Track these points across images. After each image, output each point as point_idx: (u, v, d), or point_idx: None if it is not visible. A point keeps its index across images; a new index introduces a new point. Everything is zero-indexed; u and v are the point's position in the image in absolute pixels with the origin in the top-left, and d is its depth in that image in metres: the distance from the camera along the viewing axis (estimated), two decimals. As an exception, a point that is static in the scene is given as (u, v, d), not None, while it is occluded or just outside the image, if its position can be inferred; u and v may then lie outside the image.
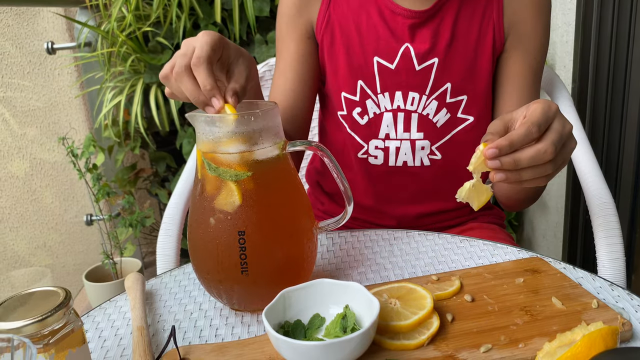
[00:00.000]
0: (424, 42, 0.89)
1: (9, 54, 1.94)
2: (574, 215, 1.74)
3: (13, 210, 1.98)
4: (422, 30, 0.89)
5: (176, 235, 0.95)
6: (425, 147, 0.93)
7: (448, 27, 0.89)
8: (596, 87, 1.57)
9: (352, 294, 0.59)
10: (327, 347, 0.51)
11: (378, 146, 0.94)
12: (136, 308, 0.65)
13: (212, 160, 0.61)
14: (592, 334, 0.49)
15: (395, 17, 0.89)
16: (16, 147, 1.98)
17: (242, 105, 0.66)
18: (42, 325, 0.46)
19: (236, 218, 0.61)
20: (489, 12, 0.90)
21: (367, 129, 0.94)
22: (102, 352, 0.61)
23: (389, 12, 0.90)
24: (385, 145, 0.94)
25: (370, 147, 0.94)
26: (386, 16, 0.90)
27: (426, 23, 0.89)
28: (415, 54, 0.89)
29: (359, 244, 0.83)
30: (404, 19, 0.89)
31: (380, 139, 0.94)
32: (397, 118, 0.92)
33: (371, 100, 0.92)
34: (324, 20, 0.93)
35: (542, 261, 0.73)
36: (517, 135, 0.59)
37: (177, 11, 1.76)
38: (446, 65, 0.89)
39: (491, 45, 0.90)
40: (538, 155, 0.59)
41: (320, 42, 0.95)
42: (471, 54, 0.90)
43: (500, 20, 0.90)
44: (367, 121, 0.94)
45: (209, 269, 0.64)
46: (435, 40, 0.89)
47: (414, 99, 0.91)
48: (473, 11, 0.90)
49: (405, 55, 0.89)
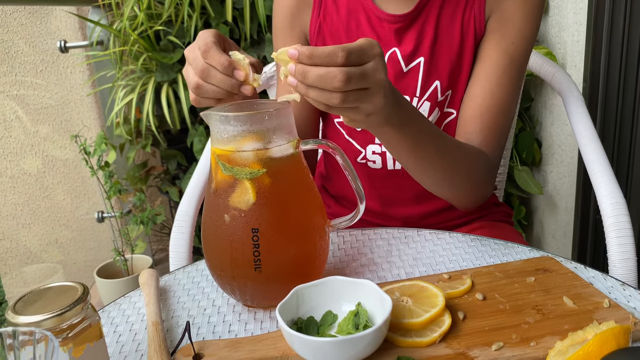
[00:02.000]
0: (409, 43, 0.90)
1: (23, 52, 1.96)
2: (584, 215, 1.73)
3: (25, 207, 2.00)
4: (408, 33, 0.90)
5: (189, 232, 0.96)
6: None
7: (431, 26, 0.89)
8: (607, 87, 1.57)
9: (364, 292, 0.60)
10: (340, 344, 0.51)
11: (375, 151, 0.94)
12: (151, 304, 0.66)
13: (226, 160, 0.62)
14: (604, 332, 0.49)
15: (381, 23, 0.90)
16: (29, 144, 2.00)
17: (255, 104, 0.67)
18: (61, 319, 0.47)
19: (250, 216, 0.62)
20: (470, 4, 0.89)
21: (363, 135, 0.95)
22: (117, 347, 0.62)
23: (376, 18, 0.90)
24: (382, 149, 0.94)
25: (368, 153, 0.95)
26: (374, 23, 0.91)
27: (411, 25, 0.89)
28: (402, 56, 0.90)
29: (370, 242, 0.84)
30: (389, 25, 0.90)
31: (377, 144, 0.94)
32: None
33: None
34: (316, 29, 0.94)
35: (553, 260, 0.73)
36: (321, 51, 0.56)
37: (189, 10, 1.77)
38: (433, 63, 0.90)
39: (473, 37, 0.89)
40: (327, 76, 0.56)
41: None
42: (456, 49, 0.90)
43: (481, 11, 0.88)
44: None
45: (222, 266, 0.64)
46: (420, 39, 0.89)
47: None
48: (455, 7, 0.89)
49: (392, 58, 0.90)
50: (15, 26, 1.93)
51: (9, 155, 1.93)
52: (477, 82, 0.88)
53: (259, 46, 1.84)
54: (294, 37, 0.97)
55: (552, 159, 1.82)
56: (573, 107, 1.07)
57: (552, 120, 1.79)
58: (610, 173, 0.94)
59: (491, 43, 0.88)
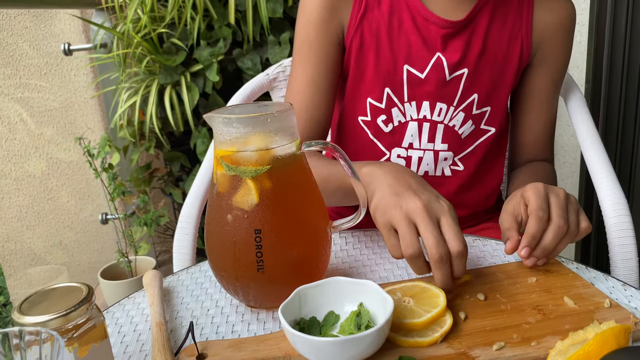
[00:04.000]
0: (455, 52, 0.88)
1: (27, 55, 1.97)
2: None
3: (30, 209, 2.01)
4: (455, 41, 0.88)
5: (192, 233, 0.96)
6: (448, 158, 0.93)
7: (480, 38, 0.88)
8: (610, 88, 1.57)
9: (366, 292, 0.60)
10: (343, 343, 0.52)
11: (400, 155, 0.94)
12: (155, 304, 0.67)
13: (229, 161, 0.62)
14: (605, 332, 0.49)
15: (428, 26, 0.88)
16: (33, 146, 2.01)
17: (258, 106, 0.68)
18: (66, 319, 0.48)
19: (253, 217, 0.62)
20: (517, 24, 0.90)
21: (390, 137, 0.93)
22: (121, 347, 0.62)
23: (422, 19, 0.88)
24: (408, 154, 0.93)
25: (393, 156, 0.94)
26: (419, 24, 0.88)
27: (459, 33, 0.88)
28: (448, 65, 0.88)
29: (372, 243, 0.84)
30: (437, 28, 0.87)
31: (404, 148, 0.93)
32: (422, 128, 0.92)
33: (397, 108, 0.91)
34: (356, 23, 0.90)
35: (555, 261, 0.73)
36: (534, 227, 0.66)
37: (192, 12, 1.78)
38: (475, 76, 0.89)
39: (518, 58, 0.91)
40: (558, 233, 0.67)
41: (348, 46, 0.92)
42: (499, 65, 0.90)
43: (528, 33, 0.90)
44: (391, 129, 0.93)
45: (225, 267, 0.65)
46: (467, 50, 0.88)
47: (442, 109, 0.90)
48: (504, 22, 0.89)
49: (437, 65, 0.88)
50: (20, 29, 1.94)
51: (13, 157, 1.94)
52: (533, 112, 0.99)
53: (261, 48, 1.85)
54: (332, 30, 0.91)
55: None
56: (575, 108, 1.07)
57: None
58: (611, 174, 0.94)
59: (541, 76, 0.96)
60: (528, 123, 1.00)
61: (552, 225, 0.67)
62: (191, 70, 1.83)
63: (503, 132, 0.96)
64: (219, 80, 1.79)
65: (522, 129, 1.01)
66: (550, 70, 0.95)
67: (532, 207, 0.67)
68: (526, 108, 0.98)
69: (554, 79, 0.97)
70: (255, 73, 1.75)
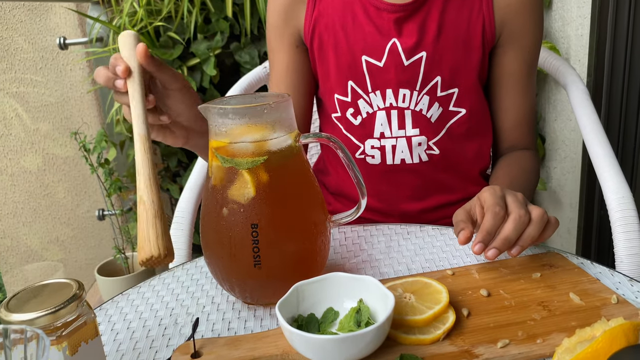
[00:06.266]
0: (410, 36, 0.88)
1: (22, 49, 1.95)
2: (588, 210, 1.72)
3: (26, 205, 1.99)
4: (408, 24, 0.88)
5: (188, 229, 0.94)
6: (422, 143, 0.92)
7: (435, 20, 0.88)
8: (612, 81, 1.55)
9: (366, 288, 0.58)
10: (342, 341, 0.50)
11: (374, 145, 0.93)
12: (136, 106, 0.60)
13: (224, 153, 0.61)
14: (614, 329, 0.48)
15: (380, 13, 0.89)
16: (29, 142, 1.99)
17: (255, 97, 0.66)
18: (55, 317, 0.46)
19: (249, 211, 0.60)
20: (477, 3, 0.88)
21: (361, 129, 0.94)
22: (114, 345, 0.61)
23: (373, 8, 0.89)
24: (381, 144, 0.93)
25: (367, 147, 0.94)
26: (371, 13, 0.89)
27: (412, 16, 0.88)
28: (403, 49, 0.88)
29: (372, 238, 0.82)
30: (388, 14, 0.88)
31: (376, 138, 0.93)
32: (390, 116, 0.92)
33: (363, 99, 0.92)
34: (311, 25, 0.92)
35: (559, 256, 0.72)
36: (488, 222, 0.64)
37: (189, 6, 1.76)
38: (435, 58, 0.89)
39: (481, 37, 0.89)
40: (518, 222, 0.64)
41: (309, 47, 0.95)
42: (461, 46, 0.89)
43: (490, 13, 0.88)
44: (360, 121, 0.93)
45: (222, 263, 0.63)
46: (423, 33, 0.88)
47: (405, 95, 0.90)
48: (462, 2, 0.88)
49: (392, 51, 0.89)
50: (14, 23, 1.92)
51: (9, 153, 1.92)
52: (508, 95, 0.96)
53: (259, 42, 1.83)
54: (287, 35, 0.95)
55: (556, 154, 1.81)
56: (578, 100, 1.06)
57: (555, 116, 1.77)
58: (616, 167, 0.92)
59: (511, 57, 0.93)
60: (505, 107, 0.98)
61: (512, 215, 0.64)
62: (188, 64, 1.81)
63: (477, 113, 0.94)
64: (216, 74, 1.78)
65: (500, 114, 0.99)
66: (520, 51, 0.92)
67: (488, 204, 0.66)
68: (501, 92, 0.96)
69: (525, 60, 0.94)
70: (253, 67, 1.73)
